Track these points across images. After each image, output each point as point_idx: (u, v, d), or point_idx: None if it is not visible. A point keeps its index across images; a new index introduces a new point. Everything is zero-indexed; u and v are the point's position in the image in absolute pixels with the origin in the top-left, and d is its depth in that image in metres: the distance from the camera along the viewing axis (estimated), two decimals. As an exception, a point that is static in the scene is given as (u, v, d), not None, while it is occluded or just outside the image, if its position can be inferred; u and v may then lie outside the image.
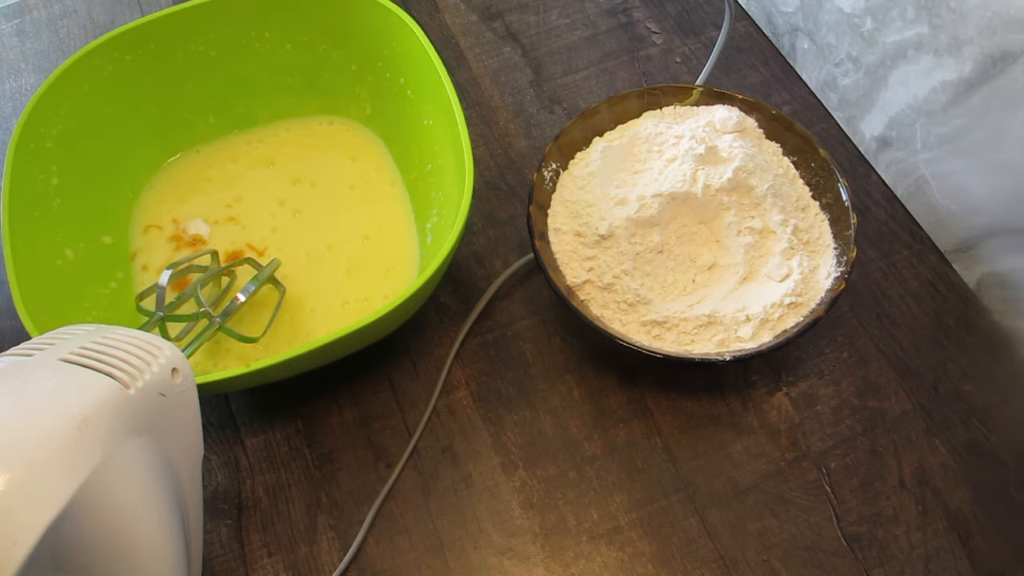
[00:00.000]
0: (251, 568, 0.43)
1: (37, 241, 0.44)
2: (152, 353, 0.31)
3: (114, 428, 0.27)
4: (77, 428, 0.26)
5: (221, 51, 0.51)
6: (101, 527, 0.26)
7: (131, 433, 0.28)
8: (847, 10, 0.52)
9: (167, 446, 0.30)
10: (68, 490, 0.24)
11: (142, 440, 0.28)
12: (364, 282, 0.50)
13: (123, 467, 0.27)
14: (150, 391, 0.30)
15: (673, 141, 0.48)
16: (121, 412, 0.28)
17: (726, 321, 0.45)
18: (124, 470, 0.27)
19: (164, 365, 0.31)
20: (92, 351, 0.29)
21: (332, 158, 0.55)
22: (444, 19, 0.64)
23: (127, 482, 0.27)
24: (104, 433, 0.27)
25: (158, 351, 0.31)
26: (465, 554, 0.44)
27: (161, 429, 0.30)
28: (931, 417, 0.47)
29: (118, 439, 0.27)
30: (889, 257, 0.52)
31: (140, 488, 0.28)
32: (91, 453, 0.26)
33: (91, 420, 0.26)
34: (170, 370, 0.31)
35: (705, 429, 0.47)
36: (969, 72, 0.45)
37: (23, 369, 0.28)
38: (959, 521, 0.44)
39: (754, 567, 0.43)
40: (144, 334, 0.32)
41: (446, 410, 0.48)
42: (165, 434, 0.30)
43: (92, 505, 0.25)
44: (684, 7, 0.64)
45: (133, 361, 0.30)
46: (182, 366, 0.32)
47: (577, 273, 0.46)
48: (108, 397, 0.28)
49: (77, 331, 0.31)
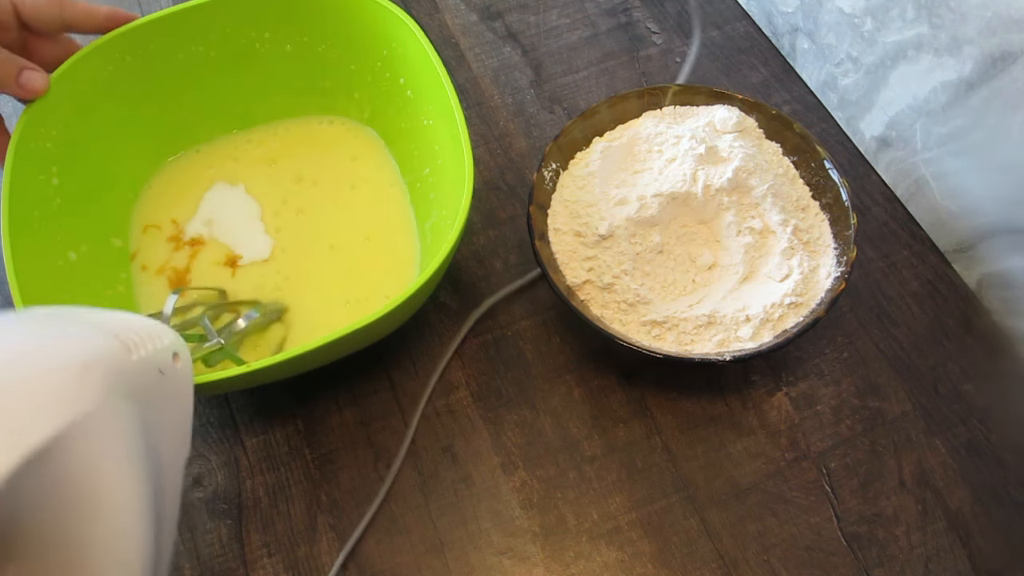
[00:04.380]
0: (251, 568, 0.43)
1: (38, 241, 0.44)
2: (156, 333, 0.31)
3: (110, 384, 0.27)
4: (76, 370, 0.26)
5: (221, 51, 0.51)
6: (72, 486, 0.26)
7: (125, 397, 0.28)
8: (847, 10, 0.52)
9: (155, 434, 0.30)
10: (53, 426, 0.24)
11: (133, 409, 0.28)
12: (365, 282, 0.50)
13: (110, 427, 0.27)
14: (150, 365, 0.30)
15: (673, 141, 0.48)
16: (120, 372, 0.28)
17: (726, 321, 0.45)
18: (110, 430, 0.27)
19: (167, 345, 0.31)
20: (102, 317, 0.30)
21: (333, 157, 0.55)
22: (444, 19, 0.64)
23: (109, 444, 0.27)
24: (100, 384, 0.27)
25: (162, 332, 0.32)
26: (465, 554, 0.44)
27: (153, 410, 0.30)
28: (931, 417, 0.47)
29: (112, 396, 0.27)
30: (889, 257, 0.52)
31: (120, 457, 0.28)
32: (84, 398, 0.26)
33: (90, 368, 0.27)
34: (171, 353, 0.32)
35: (705, 429, 0.47)
36: (969, 72, 0.45)
37: (36, 315, 0.29)
38: (959, 521, 0.44)
39: (754, 567, 0.43)
40: (150, 319, 0.32)
41: (446, 410, 0.48)
42: (156, 418, 0.30)
43: (70, 455, 0.25)
44: (684, 7, 0.64)
45: (138, 331, 0.30)
46: (183, 354, 0.32)
47: (577, 273, 0.46)
48: (111, 354, 0.28)
49: (86, 308, 0.32)
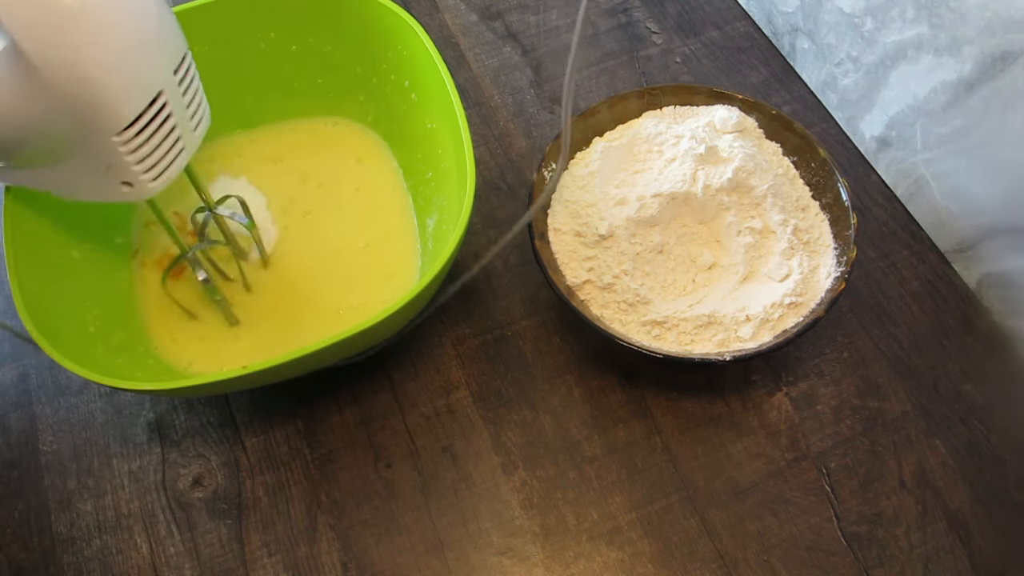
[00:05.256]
0: (251, 568, 0.43)
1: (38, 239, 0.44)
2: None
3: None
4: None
5: (226, 51, 0.51)
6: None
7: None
8: (847, 10, 0.52)
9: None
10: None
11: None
12: (367, 285, 0.50)
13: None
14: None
15: (673, 141, 0.48)
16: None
17: (726, 321, 0.45)
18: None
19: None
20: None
21: (338, 159, 0.55)
22: (444, 19, 0.64)
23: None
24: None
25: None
26: (465, 554, 0.44)
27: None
28: (931, 417, 0.47)
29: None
30: (889, 257, 0.52)
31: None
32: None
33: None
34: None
35: (705, 429, 0.47)
36: (969, 72, 0.45)
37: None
38: (959, 521, 0.44)
39: (754, 567, 0.43)
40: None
41: (446, 410, 0.48)
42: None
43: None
44: (684, 7, 0.64)
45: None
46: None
47: (577, 273, 0.46)
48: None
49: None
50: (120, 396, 0.48)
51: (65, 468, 0.46)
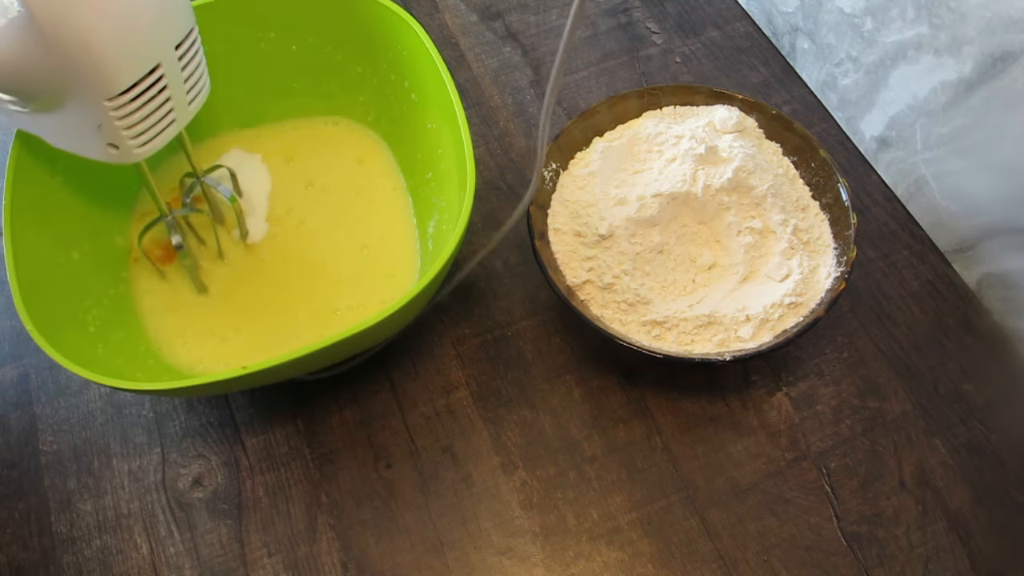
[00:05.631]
0: (251, 568, 0.43)
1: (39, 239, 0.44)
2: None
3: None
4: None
5: (226, 51, 0.51)
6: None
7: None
8: (847, 10, 0.52)
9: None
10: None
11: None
12: (367, 286, 0.50)
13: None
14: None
15: (673, 141, 0.48)
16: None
17: (726, 321, 0.45)
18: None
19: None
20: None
21: (338, 159, 0.55)
22: (444, 19, 0.64)
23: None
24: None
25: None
26: (465, 554, 0.44)
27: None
28: (931, 417, 0.47)
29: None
30: (889, 257, 0.52)
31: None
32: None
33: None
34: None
35: (705, 429, 0.47)
36: (969, 72, 0.45)
37: None
38: (959, 521, 0.44)
39: (754, 567, 0.43)
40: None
41: (446, 410, 0.48)
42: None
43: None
44: (684, 7, 0.64)
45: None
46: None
47: (577, 273, 0.46)
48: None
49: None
50: (120, 396, 0.48)
51: (65, 468, 0.46)
